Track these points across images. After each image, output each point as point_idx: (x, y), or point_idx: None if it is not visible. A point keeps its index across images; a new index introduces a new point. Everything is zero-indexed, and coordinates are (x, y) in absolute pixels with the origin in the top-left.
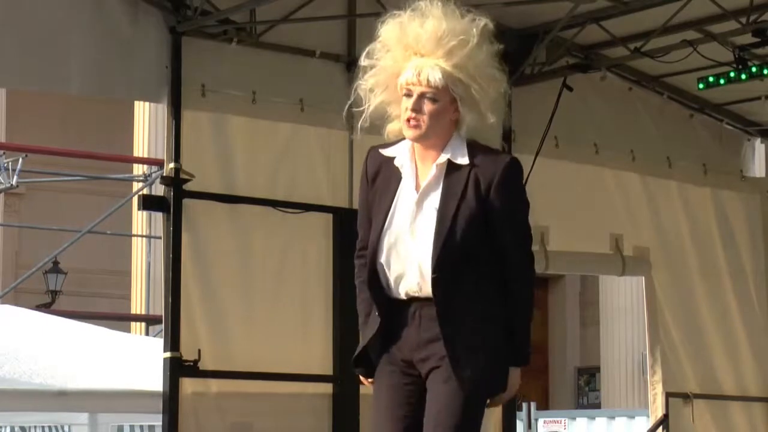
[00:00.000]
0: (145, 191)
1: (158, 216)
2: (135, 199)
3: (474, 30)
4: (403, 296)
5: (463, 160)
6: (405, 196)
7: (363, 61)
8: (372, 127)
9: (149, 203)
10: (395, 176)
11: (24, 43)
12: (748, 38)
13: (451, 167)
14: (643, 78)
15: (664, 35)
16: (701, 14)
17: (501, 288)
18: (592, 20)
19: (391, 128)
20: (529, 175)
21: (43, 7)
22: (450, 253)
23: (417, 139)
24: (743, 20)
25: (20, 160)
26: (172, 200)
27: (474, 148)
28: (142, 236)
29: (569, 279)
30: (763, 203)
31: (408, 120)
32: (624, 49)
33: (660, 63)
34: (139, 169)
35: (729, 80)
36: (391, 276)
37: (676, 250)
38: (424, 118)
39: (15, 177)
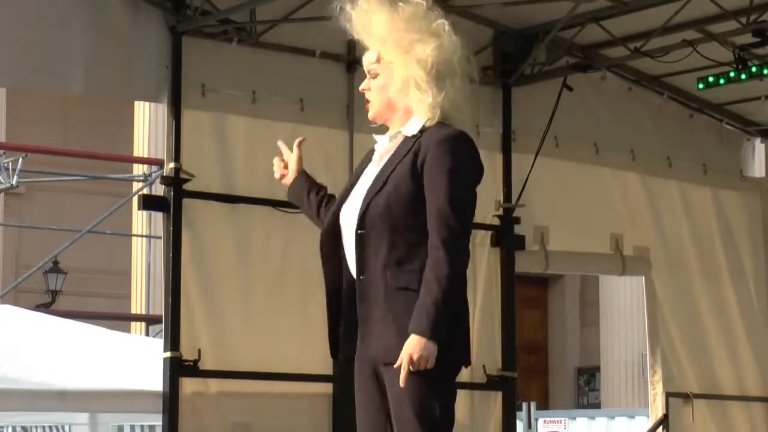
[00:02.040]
0: (145, 191)
1: (158, 216)
2: (135, 199)
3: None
4: (354, 277)
5: (413, 130)
6: (367, 171)
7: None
8: (374, 128)
9: (149, 203)
10: (369, 158)
11: (24, 42)
12: (748, 38)
13: (405, 140)
14: (643, 78)
15: (664, 35)
16: (701, 14)
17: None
18: (592, 20)
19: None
20: (529, 175)
21: (43, 7)
22: (374, 210)
23: (374, 117)
24: (743, 20)
25: (20, 160)
26: (172, 200)
27: (432, 125)
28: (142, 236)
29: (569, 279)
30: (763, 203)
31: (366, 102)
32: (624, 49)
33: (660, 63)
34: (139, 169)
35: (729, 80)
36: (345, 250)
37: (676, 250)
38: (372, 94)
39: (15, 177)
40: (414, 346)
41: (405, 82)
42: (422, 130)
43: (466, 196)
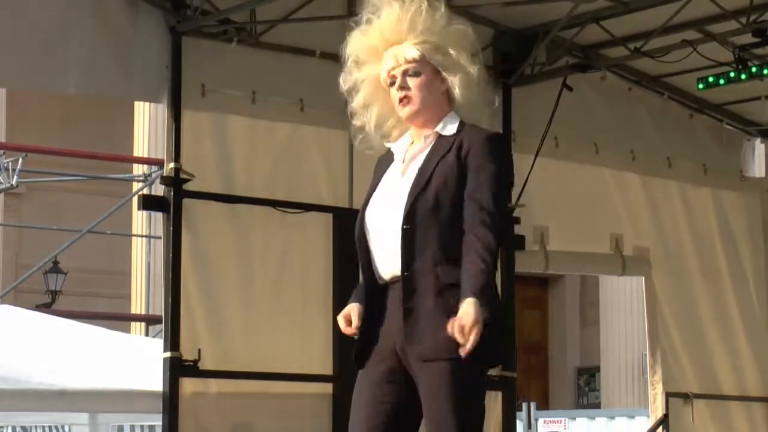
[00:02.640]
0: (145, 191)
1: (158, 216)
2: (135, 199)
3: None
4: (387, 278)
5: (452, 130)
6: (391, 171)
7: (343, 86)
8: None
9: (149, 203)
10: (389, 161)
11: (24, 43)
12: (748, 38)
13: (440, 139)
14: (643, 78)
15: (664, 35)
16: (701, 14)
17: None
18: (592, 20)
19: (394, 136)
20: (529, 175)
21: (43, 8)
22: (423, 206)
23: (412, 115)
24: (743, 20)
25: (20, 160)
26: (172, 200)
27: (465, 124)
28: (142, 236)
29: (569, 279)
30: (763, 203)
31: (400, 100)
32: (624, 49)
33: (660, 63)
34: (139, 169)
35: (729, 80)
36: (377, 254)
37: (676, 250)
38: (413, 92)
39: (15, 177)
40: (471, 311)
41: (461, 82)
42: (459, 130)
43: (505, 198)
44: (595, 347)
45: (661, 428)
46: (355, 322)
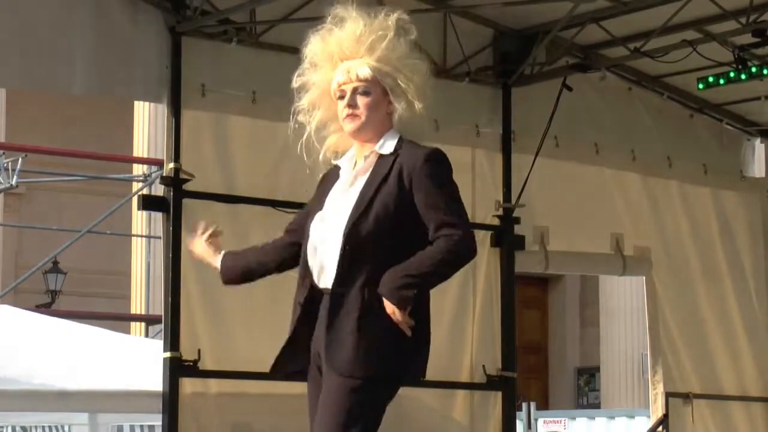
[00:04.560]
0: (145, 191)
1: (158, 216)
2: (135, 199)
3: (389, 23)
4: (321, 286)
5: (389, 149)
6: (337, 188)
7: (294, 83)
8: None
9: (149, 203)
10: (336, 176)
11: (24, 43)
12: (748, 38)
13: (381, 158)
14: (643, 78)
15: (664, 35)
16: (701, 14)
17: None
18: (592, 20)
19: (329, 143)
20: (528, 175)
21: (43, 7)
22: (361, 230)
23: (357, 131)
24: (743, 20)
25: (20, 160)
26: (171, 200)
27: (403, 141)
28: (141, 236)
29: (569, 279)
30: (763, 203)
31: (347, 116)
32: (624, 49)
33: (660, 63)
34: (139, 169)
35: (729, 80)
36: (312, 265)
37: (676, 249)
38: (361, 110)
39: (15, 177)
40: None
41: (404, 111)
42: (396, 149)
43: (462, 208)
44: (595, 347)
45: (661, 428)
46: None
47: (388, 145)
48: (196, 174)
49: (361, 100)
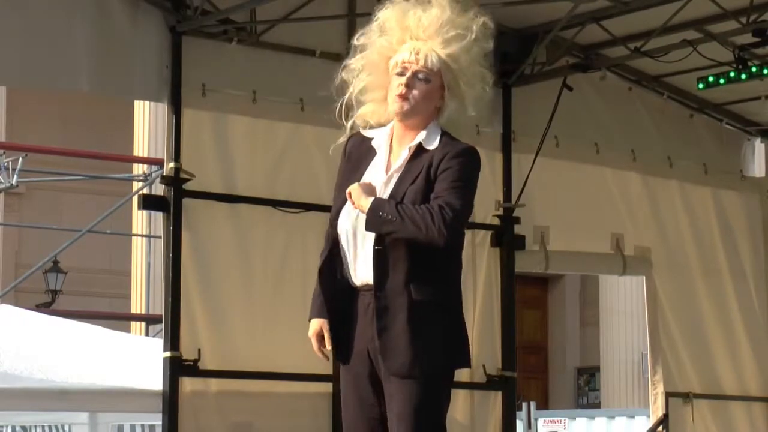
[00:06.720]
0: (145, 191)
1: (158, 216)
2: (135, 199)
3: (474, 26)
4: (358, 284)
5: (433, 145)
6: (373, 175)
7: (357, 40)
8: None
9: (149, 203)
10: (371, 154)
11: (24, 42)
12: (748, 38)
13: (420, 151)
14: (643, 78)
15: (664, 35)
16: (701, 14)
17: (442, 276)
18: (592, 20)
19: (364, 110)
20: (528, 175)
21: (43, 7)
22: None
23: (404, 114)
24: (743, 20)
25: (20, 159)
26: (172, 200)
27: (446, 136)
28: (142, 236)
29: (569, 279)
30: (763, 203)
31: (399, 94)
32: (624, 49)
33: (660, 63)
34: (139, 169)
35: (729, 80)
36: (346, 255)
37: (676, 249)
38: (415, 94)
39: (15, 177)
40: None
41: (454, 110)
42: (437, 145)
43: (468, 206)
44: (595, 347)
45: (661, 428)
46: (329, 343)
47: (433, 140)
48: (196, 174)
49: (419, 86)
